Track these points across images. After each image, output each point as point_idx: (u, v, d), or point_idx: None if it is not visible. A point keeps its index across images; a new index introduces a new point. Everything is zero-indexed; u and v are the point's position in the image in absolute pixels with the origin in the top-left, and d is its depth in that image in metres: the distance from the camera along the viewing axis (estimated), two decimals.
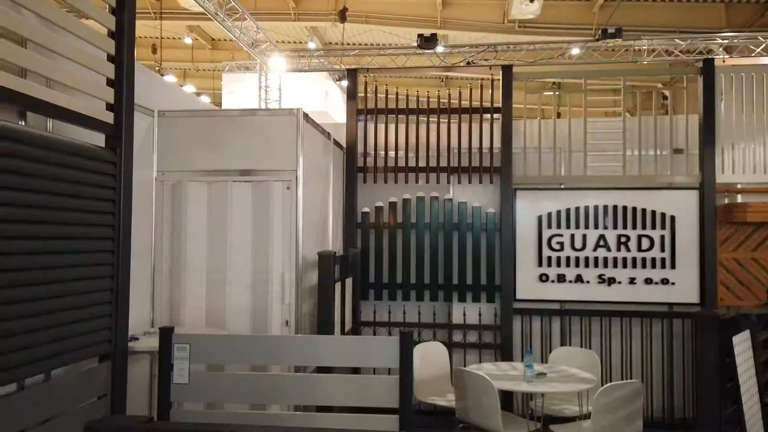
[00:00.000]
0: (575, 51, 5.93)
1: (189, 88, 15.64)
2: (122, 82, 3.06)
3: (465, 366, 5.11)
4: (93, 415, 2.95)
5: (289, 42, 13.07)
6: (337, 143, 5.74)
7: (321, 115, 7.41)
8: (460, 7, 11.26)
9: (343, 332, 4.87)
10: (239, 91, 13.19)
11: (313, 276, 4.36)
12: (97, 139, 3.04)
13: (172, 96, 4.67)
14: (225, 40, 6.42)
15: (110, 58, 3.04)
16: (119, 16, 3.07)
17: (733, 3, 9.83)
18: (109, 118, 3.00)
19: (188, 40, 5.56)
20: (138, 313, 4.04)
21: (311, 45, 12.18)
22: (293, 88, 10.34)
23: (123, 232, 3.05)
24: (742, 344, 3.00)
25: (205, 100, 14.83)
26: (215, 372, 3.30)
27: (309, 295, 4.34)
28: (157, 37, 12.92)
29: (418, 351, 5.03)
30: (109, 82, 3.04)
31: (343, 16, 10.77)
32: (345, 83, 12.49)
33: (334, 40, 12.99)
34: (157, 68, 14.60)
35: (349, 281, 5.24)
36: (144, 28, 12.68)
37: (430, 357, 5.08)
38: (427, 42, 5.58)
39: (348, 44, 12.49)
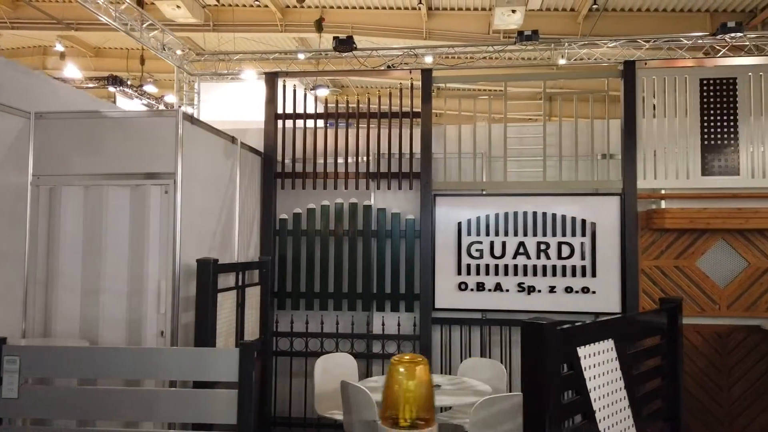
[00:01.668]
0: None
1: (170, 98, 15.55)
2: None
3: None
4: None
5: (279, 53, 13.06)
6: (252, 148, 5.59)
7: None
8: (446, 17, 11.20)
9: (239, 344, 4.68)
10: (212, 100, 13.18)
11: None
12: None
13: (60, 97, 4.50)
14: (216, 51, 6.37)
15: None
16: None
17: (718, 12, 9.76)
18: None
19: (179, 52, 5.46)
20: (6, 324, 3.85)
21: (300, 56, 12.12)
22: (260, 96, 10.26)
23: None
24: (599, 355, 2.83)
25: (190, 110, 14.73)
26: (45, 386, 3.11)
27: (193, 305, 4.15)
28: (146, 48, 12.88)
29: (321, 363, 4.85)
30: None
31: (319, 26, 10.70)
32: (319, 92, 12.31)
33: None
34: (150, 79, 14.71)
35: (254, 290, 5.06)
36: (134, 40, 12.69)
37: (335, 369, 4.89)
38: (343, 44, 5.44)
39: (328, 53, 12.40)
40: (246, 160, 5.34)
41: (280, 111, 5.84)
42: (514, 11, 9.11)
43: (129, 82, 13.65)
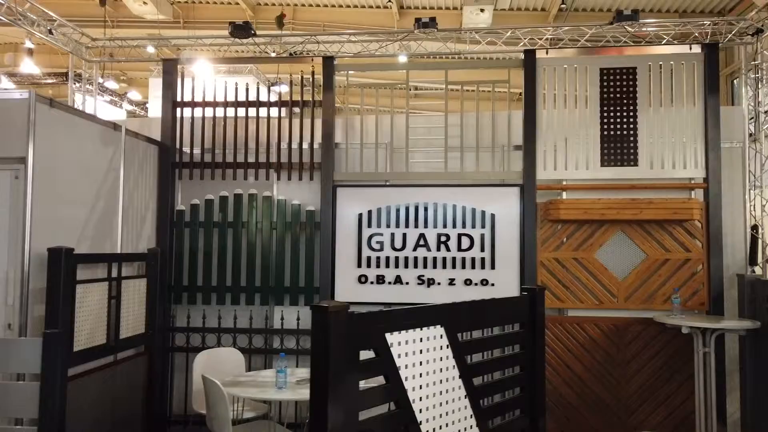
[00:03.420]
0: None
1: (134, 95, 15.40)
2: None
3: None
4: None
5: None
6: (149, 138, 5.41)
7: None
8: (417, 16, 11.12)
9: (116, 339, 4.50)
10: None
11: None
12: None
13: None
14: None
15: None
16: None
17: (687, 13, 9.81)
18: None
19: (151, 49, 5.37)
20: None
21: (272, 53, 12.01)
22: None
23: None
24: (421, 342, 2.70)
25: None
26: None
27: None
28: (119, 46, 12.77)
29: (202, 358, 4.69)
30: None
31: (280, 22, 10.56)
32: (279, 88, 12.15)
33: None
34: (123, 77, 14.92)
35: (138, 283, 4.88)
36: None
37: (219, 364, 4.72)
38: (239, 30, 5.29)
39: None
40: (135, 149, 5.15)
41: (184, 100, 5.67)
42: (482, 10, 9.15)
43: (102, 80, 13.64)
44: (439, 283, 5.31)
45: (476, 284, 5.26)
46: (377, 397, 2.44)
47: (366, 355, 2.40)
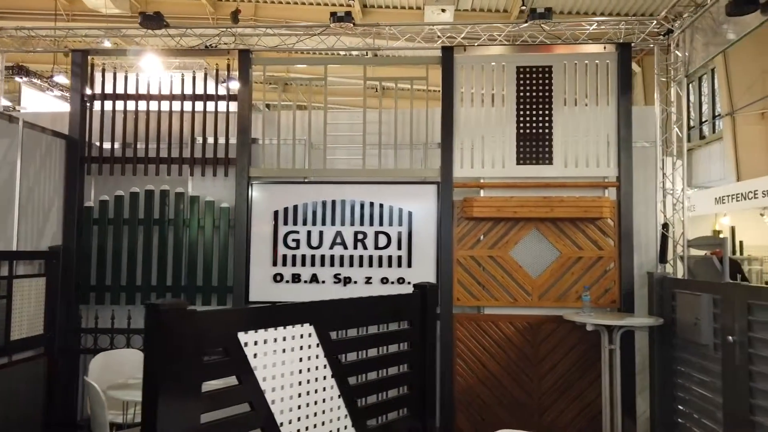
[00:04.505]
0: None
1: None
2: None
3: None
4: None
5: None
6: (56, 132, 5.20)
7: None
8: (381, 15, 11.08)
9: (6, 341, 4.30)
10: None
11: None
12: None
13: None
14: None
15: None
16: None
17: (638, 16, 9.92)
18: None
19: (107, 44, 5.14)
20: None
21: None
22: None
23: None
24: (284, 341, 2.62)
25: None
26: None
27: None
28: (73, 40, 12.46)
29: (99, 360, 4.50)
30: None
31: (235, 17, 10.35)
32: (231, 84, 12.08)
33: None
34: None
35: (35, 282, 4.67)
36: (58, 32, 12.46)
37: (118, 366, 4.53)
38: (149, 21, 5.12)
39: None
40: (36, 142, 4.93)
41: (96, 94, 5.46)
42: (443, 10, 9.16)
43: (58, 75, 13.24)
44: (356, 282, 5.24)
45: (393, 282, 5.21)
46: (226, 398, 2.35)
47: None
